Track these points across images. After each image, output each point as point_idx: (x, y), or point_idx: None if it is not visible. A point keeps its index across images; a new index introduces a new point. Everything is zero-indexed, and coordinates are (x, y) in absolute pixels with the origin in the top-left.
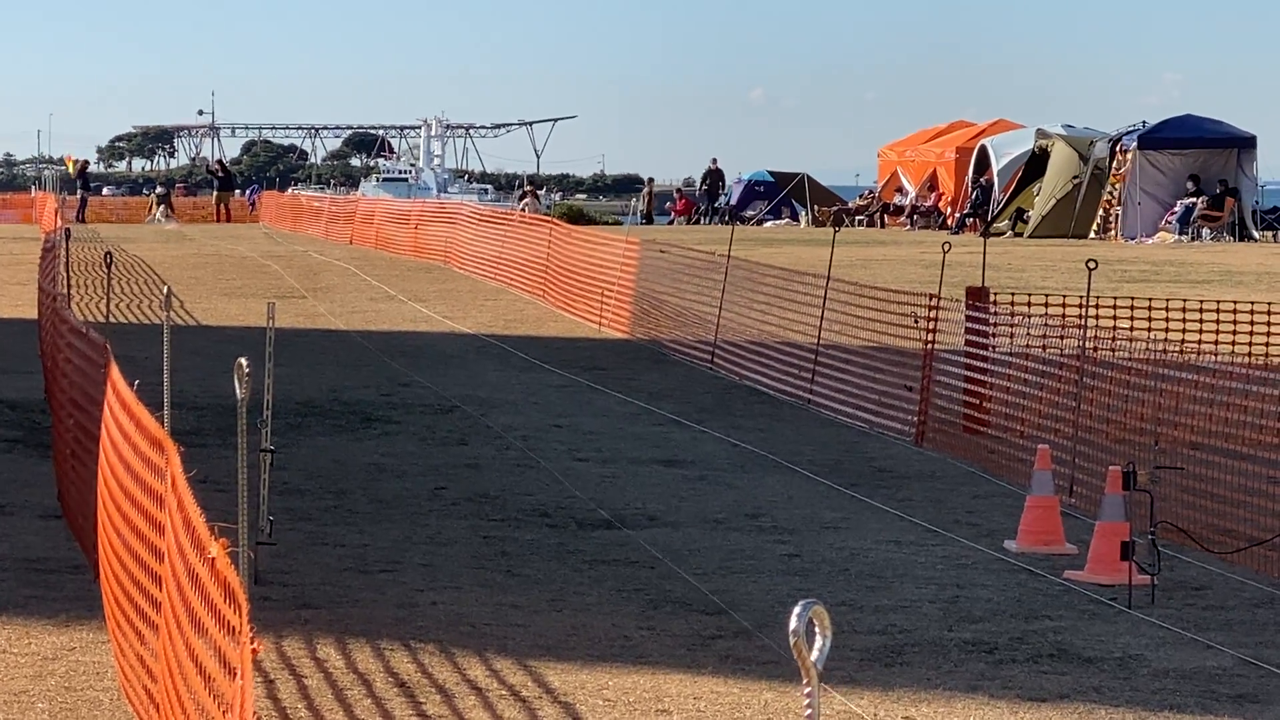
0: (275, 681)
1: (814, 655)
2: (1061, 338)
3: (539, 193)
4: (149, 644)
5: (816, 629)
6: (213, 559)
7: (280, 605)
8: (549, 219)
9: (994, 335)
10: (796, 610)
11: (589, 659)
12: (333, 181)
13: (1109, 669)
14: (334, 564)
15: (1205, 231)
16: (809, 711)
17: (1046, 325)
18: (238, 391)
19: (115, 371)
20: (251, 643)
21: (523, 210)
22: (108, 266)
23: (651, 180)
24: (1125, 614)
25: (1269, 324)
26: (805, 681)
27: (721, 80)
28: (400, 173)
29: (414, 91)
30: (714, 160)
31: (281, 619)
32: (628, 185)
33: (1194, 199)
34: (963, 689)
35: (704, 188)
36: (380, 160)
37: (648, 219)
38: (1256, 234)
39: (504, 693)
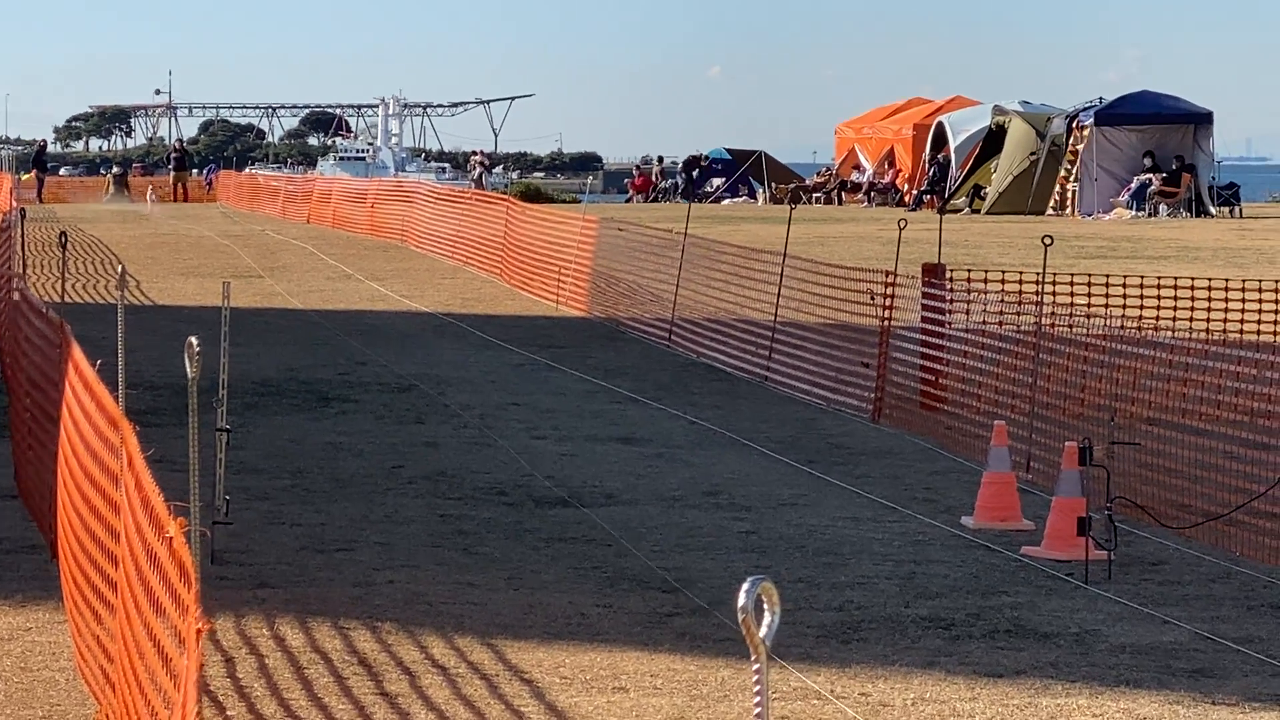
0: (234, 660)
1: (762, 632)
2: (1018, 314)
3: (487, 165)
4: (106, 624)
5: (765, 606)
6: (170, 538)
7: (238, 584)
8: (506, 197)
9: (950, 312)
10: (745, 587)
11: (546, 637)
12: (290, 161)
13: (1066, 644)
14: (291, 543)
15: (1162, 207)
16: (758, 687)
17: (1003, 302)
18: (189, 370)
19: (77, 351)
20: (199, 621)
21: (477, 173)
22: (62, 247)
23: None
24: (1082, 589)
25: (1226, 300)
26: (754, 658)
27: (679, 58)
28: (358, 152)
29: (371, 70)
30: (700, 153)
31: (239, 598)
32: (585, 163)
33: (1150, 175)
34: (920, 665)
35: (684, 174)
36: (338, 139)
37: None
38: (1213, 210)
39: (462, 671)
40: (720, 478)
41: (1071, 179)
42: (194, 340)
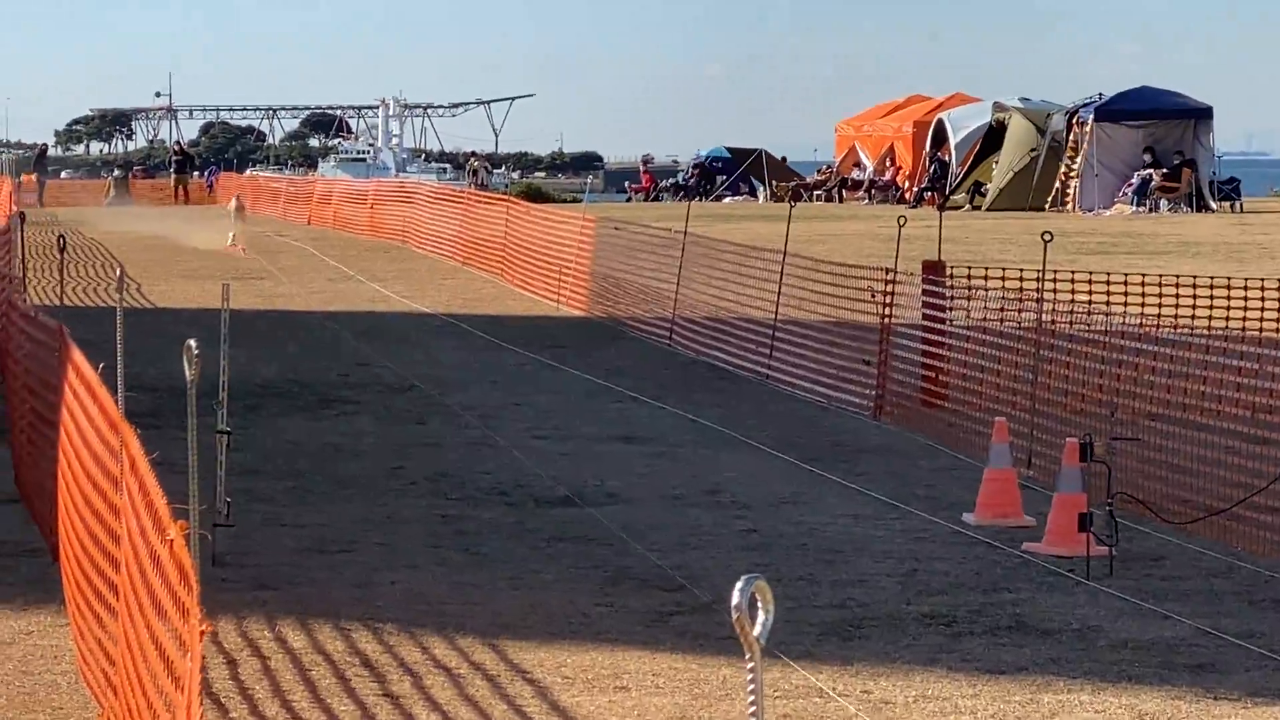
0: (237, 662)
1: (756, 630)
2: (1019, 311)
3: (488, 167)
4: (108, 627)
5: (759, 604)
6: (171, 541)
7: (239, 586)
8: (507, 197)
9: (951, 309)
10: (739, 585)
11: (547, 636)
12: (291, 162)
13: (1067, 640)
14: (292, 545)
15: (1163, 203)
16: (752, 685)
17: (1004, 298)
18: (187, 373)
19: (77, 354)
20: (201, 623)
21: (474, 173)
22: (61, 250)
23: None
24: (1083, 585)
25: (1228, 295)
26: (748, 656)
27: (679, 57)
28: (358, 153)
29: (372, 72)
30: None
31: (241, 600)
32: (586, 163)
33: (1151, 170)
34: (921, 662)
35: (697, 178)
36: (338, 141)
37: None
38: (1214, 205)
39: (464, 670)
40: (721, 476)
41: (1072, 175)
42: (192, 343)
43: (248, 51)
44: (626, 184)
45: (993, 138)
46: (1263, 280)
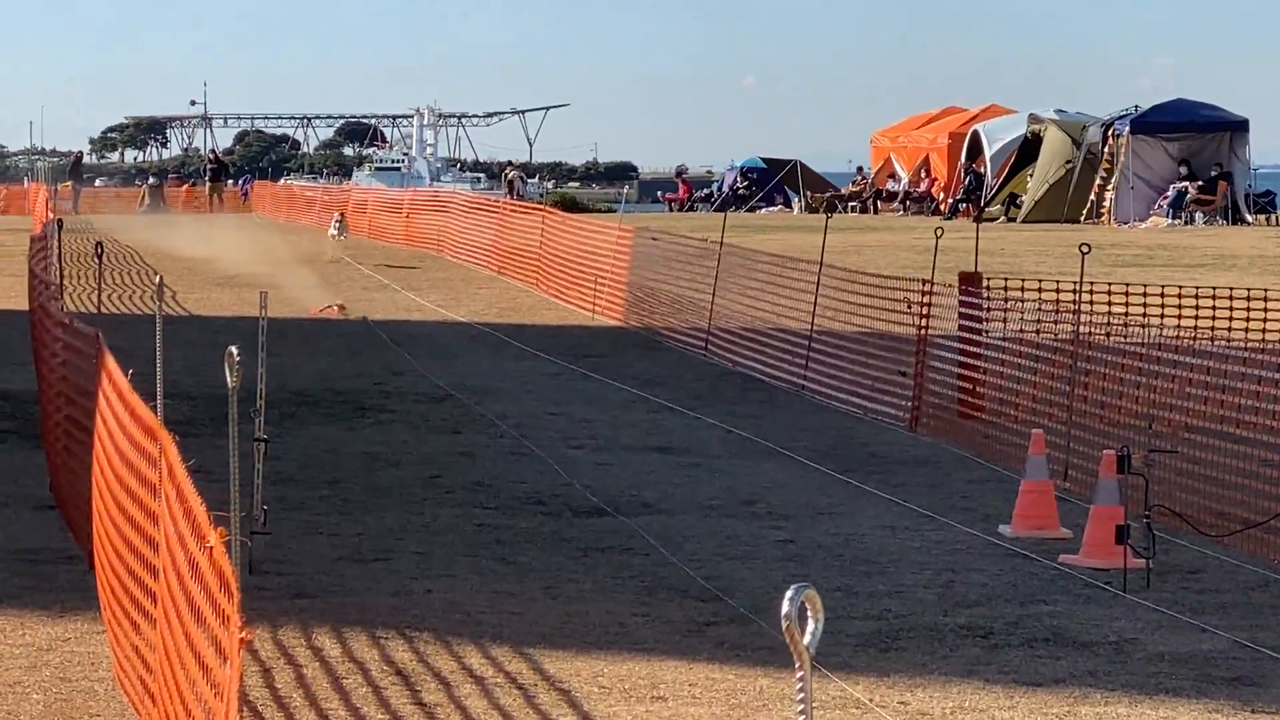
0: (272, 671)
1: (806, 639)
2: (1055, 322)
3: (523, 176)
4: (145, 635)
5: (809, 612)
6: (210, 548)
7: (276, 595)
8: (542, 206)
9: (987, 320)
10: (789, 594)
11: (584, 646)
12: (326, 171)
13: (1104, 653)
14: (329, 553)
15: (1198, 216)
16: (801, 694)
17: (1040, 310)
18: (229, 380)
19: (110, 361)
20: (241, 630)
21: (510, 184)
22: (99, 257)
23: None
24: (1120, 598)
25: (1266, 308)
26: (798, 665)
27: (714, 68)
28: (393, 162)
29: (406, 80)
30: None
31: (277, 608)
32: (620, 173)
33: (1186, 183)
34: (958, 673)
35: (747, 186)
36: (373, 150)
37: None
38: (1249, 218)
39: (500, 680)
40: (757, 487)
41: (1108, 188)
42: (234, 350)
43: (283, 60)
44: (660, 194)
45: (1028, 149)
46: None
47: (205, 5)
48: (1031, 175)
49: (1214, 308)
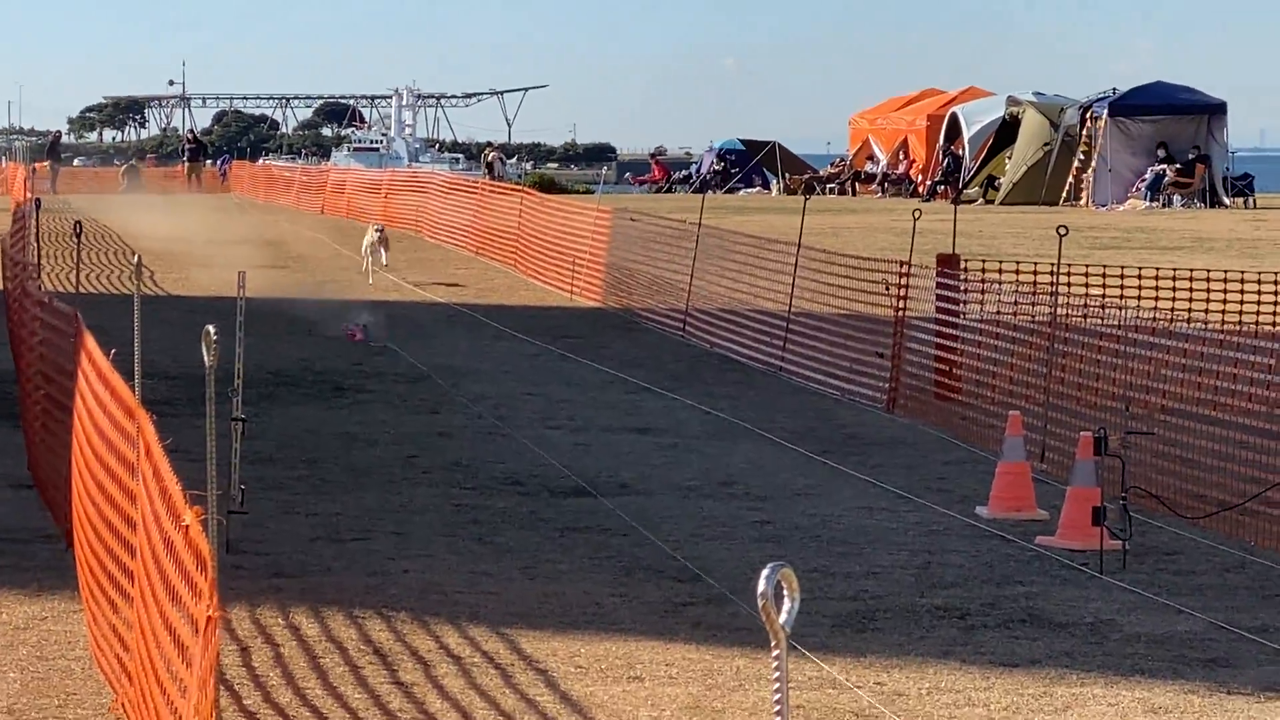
0: (250, 649)
1: (782, 618)
2: (1032, 304)
3: (502, 157)
4: (122, 613)
5: (785, 592)
6: (186, 527)
7: (253, 574)
8: (520, 187)
9: (965, 302)
10: (765, 573)
11: (561, 626)
12: (304, 151)
13: (1080, 634)
14: (306, 532)
15: (1176, 198)
16: (777, 673)
17: (1017, 292)
18: (206, 359)
19: (90, 341)
20: (208, 609)
21: (489, 165)
22: (77, 237)
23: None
24: (1097, 579)
25: (1242, 291)
26: (774, 644)
27: (694, 49)
28: (372, 142)
29: (385, 61)
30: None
31: (254, 588)
32: (599, 154)
33: (1164, 166)
34: (935, 654)
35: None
36: (352, 130)
37: None
38: (1227, 200)
39: (477, 660)
40: (735, 468)
41: (1086, 170)
42: (211, 329)
43: (261, 40)
44: (628, 175)
45: (1006, 132)
46: (1276, 275)
47: None
48: (1009, 158)
49: (1191, 290)
